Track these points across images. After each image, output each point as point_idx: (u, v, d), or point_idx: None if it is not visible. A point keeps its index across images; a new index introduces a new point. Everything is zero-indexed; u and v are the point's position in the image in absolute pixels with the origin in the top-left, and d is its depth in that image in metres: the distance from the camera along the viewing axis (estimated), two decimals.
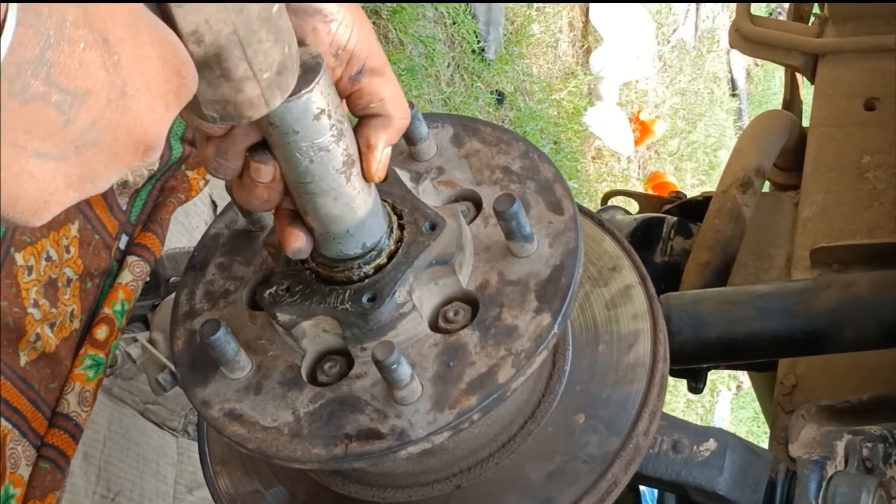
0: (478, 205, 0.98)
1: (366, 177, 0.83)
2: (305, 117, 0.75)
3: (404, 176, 0.95)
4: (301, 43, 0.75)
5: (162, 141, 0.63)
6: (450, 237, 0.90)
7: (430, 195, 0.97)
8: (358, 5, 0.79)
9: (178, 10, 0.62)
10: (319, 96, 0.74)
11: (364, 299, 0.87)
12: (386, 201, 0.92)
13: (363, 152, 0.82)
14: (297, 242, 0.84)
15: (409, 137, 1.00)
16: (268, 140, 0.78)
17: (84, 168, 0.58)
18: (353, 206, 0.83)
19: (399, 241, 0.90)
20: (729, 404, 5.70)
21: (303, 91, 0.73)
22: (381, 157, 0.83)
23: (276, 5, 0.66)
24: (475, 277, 0.92)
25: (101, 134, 0.57)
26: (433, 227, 0.90)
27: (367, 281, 0.88)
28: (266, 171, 0.79)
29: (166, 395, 1.86)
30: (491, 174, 0.99)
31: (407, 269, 0.88)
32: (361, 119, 0.83)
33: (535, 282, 0.90)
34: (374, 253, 0.88)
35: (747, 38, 2.27)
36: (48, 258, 1.58)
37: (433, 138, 1.02)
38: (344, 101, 0.82)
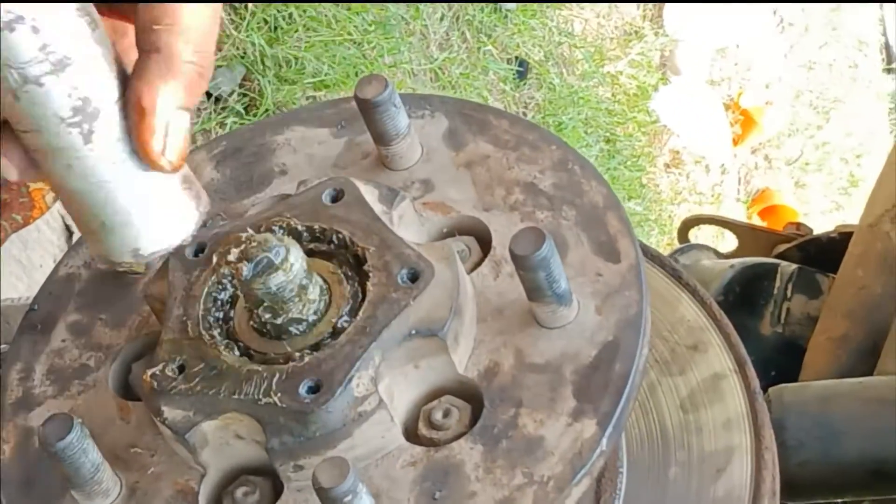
0: (484, 243, 0.98)
1: (141, 157, 0.85)
2: None
3: (370, 193, 0.96)
4: None
5: None
6: (439, 294, 0.90)
7: (409, 225, 0.98)
8: None
9: None
10: None
11: (302, 389, 0.87)
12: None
13: (131, 117, 0.84)
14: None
15: (377, 132, 1.00)
16: None
17: None
18: (104, 181, 0.85)
19: (358, 296, 0.91)
20: None
21: None
22: (160, 125, 0.84)
23: None
24: (478, 358, 0.92)
25: None
26: (414, 278, 0.91)
27: (307, 360, 0.88)
28: None
29: None
30: (507, 195, 1.00)
31: (371, 343, 0.88)
32: (137, 62, 0.84)
33: (574, 368, 0.90)
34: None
35: None
36: None
37: (416, 134, 1.02)
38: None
